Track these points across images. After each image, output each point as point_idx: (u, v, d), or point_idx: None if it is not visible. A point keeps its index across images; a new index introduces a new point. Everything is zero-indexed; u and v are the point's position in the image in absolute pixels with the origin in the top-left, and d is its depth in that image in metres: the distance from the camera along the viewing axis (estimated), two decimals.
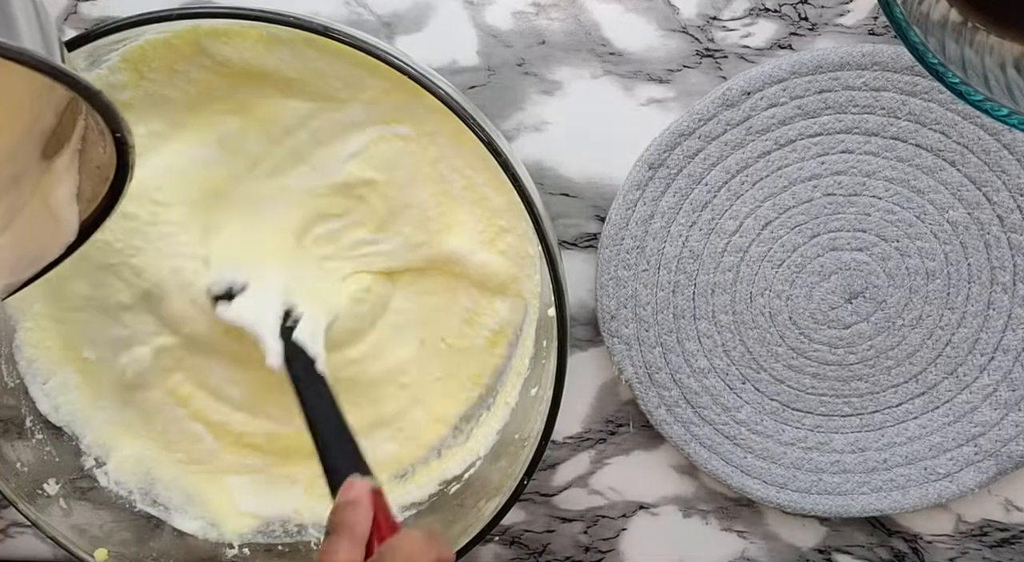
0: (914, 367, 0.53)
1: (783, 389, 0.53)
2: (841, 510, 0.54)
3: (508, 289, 0.51)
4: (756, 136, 0.50)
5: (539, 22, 0.51)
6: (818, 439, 0.54)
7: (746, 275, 0.52)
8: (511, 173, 0.44)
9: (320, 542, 0.54)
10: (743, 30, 0.50)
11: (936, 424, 0.53)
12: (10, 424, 0.52)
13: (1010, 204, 0.50)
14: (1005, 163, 0.49)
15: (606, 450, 0.56)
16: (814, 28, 0.50)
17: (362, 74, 0.48)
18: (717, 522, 0.57)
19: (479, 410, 0.54)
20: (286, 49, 0.47)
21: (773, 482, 0.54)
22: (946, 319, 0.52)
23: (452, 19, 0.51)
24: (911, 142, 0.50)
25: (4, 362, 0.52)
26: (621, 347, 0.53)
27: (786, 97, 0.49)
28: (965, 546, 0.56)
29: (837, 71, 0.49)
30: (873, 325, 0.52)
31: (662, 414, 0.54)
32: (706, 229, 0.51)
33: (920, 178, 0.50)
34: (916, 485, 0.53)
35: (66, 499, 0.52)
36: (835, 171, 0.50)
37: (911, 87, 0.49)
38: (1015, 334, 0.51)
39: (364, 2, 0.51)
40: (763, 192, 0.51)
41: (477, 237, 0.51)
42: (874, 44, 0.49)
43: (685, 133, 0.50)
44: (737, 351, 0.53)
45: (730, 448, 0.54)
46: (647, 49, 0.51)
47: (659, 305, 0.52)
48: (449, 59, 0.51)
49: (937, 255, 0.51)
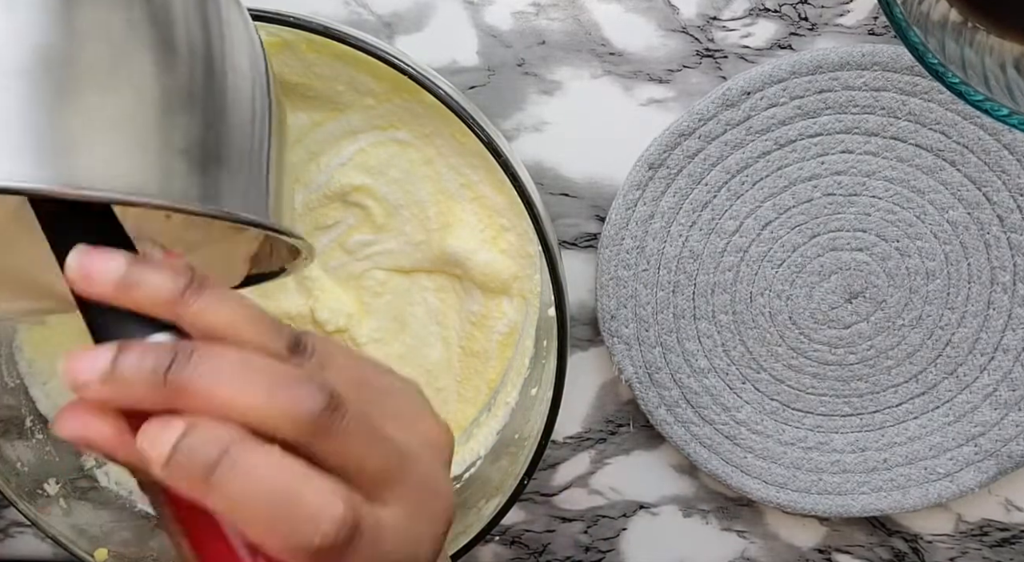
0: (914, 367, 0.53)
1: (783, 389, 0.53)
2: (841, 510, 0.54)
3: (511, 289, 0.51)
4: (756, 136, 0.50)
5: (539, 22, 0.51)
6: (818, 439, 0.54)
7: (746, 275, 0.52)
8: (511, 173, 0.44)
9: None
10: (743, 30, 0.50)
11: (936, 424, 0.53)
12: (10, 424, 0.52)
13: (1010, 204, 0.50)
14: (1005, 163, 0.49)
15: (606, 450, 0.56)
16: (814, 28, 0.50)
17: (363, 77, 0.48)
18: (717, 522, 0.57)
19: (479, 410, 0.54)
20: (288, 52, 0.47)
21: (773, 482, 0.54)
22: (946, 319, 0.52)
23: (452, 19, 0.51)
24: (911, 142, 0.50)
25: (4, 362, 0.52)
26: (621, 347, 0.53)
27: (786, 97, 0.49)
28: (965, 546, 0.56)
29: (837, 71, 0.49)
30: (873, 325, 0.52)
31: (662, 414, 0.54)
32: (706, 229, 0.51)
33: (920, 178, 0.50)
34: (916, 485, 0.54)
35: (66, 499, 0.52)
36: (835, 171, 0.50)
37: (911, 87, 0.49)
38: (1015, 334, 0.51)
39: (364, 2, 0.51)
40: (763, 192, 0.51)
41: (478, 236, 0.51)
42: (874, 44, 0.49)
43: (685, 133, 0.50)
44: (737, 351, 0.53)
45: (730, 448, 0.54)
46: (647, 49, 0.51)
47: (659, 305, 0.52)
48: (449, 59, 0.51)
49: (937, 255, 0.51)
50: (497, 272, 0.51)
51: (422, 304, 0.53)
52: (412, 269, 0.52)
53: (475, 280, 0.51)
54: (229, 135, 0.30)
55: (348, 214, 0.51)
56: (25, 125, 0.25)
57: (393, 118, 0.49)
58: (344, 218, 0.51)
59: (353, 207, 0.51)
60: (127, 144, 0.27)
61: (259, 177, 0.32)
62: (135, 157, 0.27)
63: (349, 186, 0.50)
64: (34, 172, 0.25)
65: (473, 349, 0.53)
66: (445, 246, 0.51)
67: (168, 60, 0.28)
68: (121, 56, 0.27)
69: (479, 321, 0.52)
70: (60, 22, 0.26)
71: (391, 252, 0.52)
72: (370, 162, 0.50)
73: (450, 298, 0.53)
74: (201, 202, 0.28)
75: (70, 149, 0.25)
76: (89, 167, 0.26)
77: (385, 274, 0.52)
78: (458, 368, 0.53)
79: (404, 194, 0.50)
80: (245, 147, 0.31)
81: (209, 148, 0.29)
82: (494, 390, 0.53)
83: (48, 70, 0.25)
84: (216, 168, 0.29)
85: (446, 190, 0.50)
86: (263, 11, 0.43)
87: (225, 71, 0.30)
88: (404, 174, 0.50)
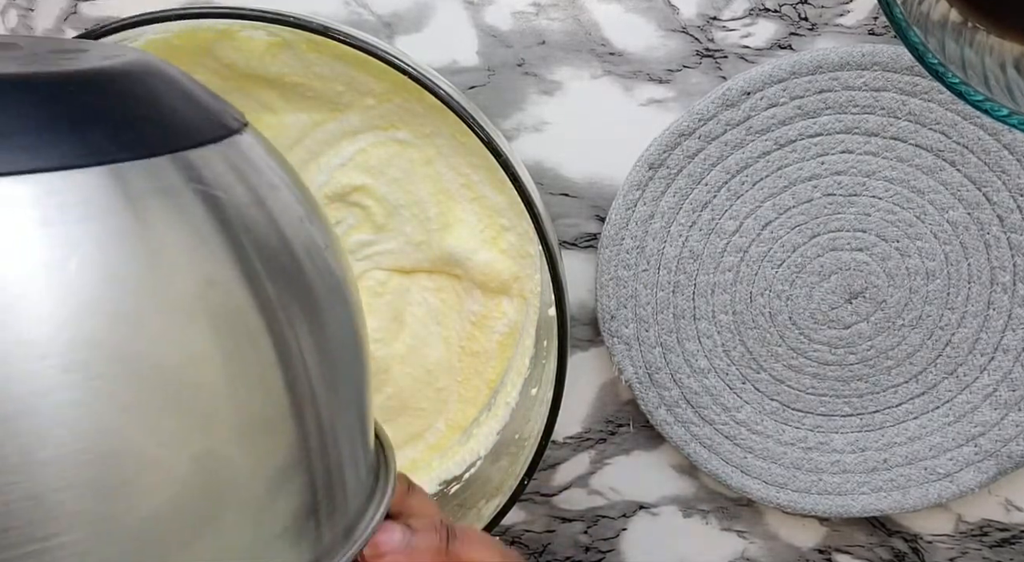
0: (914, 367, 0.53)
1: (783, 389, 0.53)
2: (841, 510, 0.54)
3: (511, 289, 0.51)
4: (756, 136, 0.50)
5: (539, 22, 0.51)
6: (818, 439, 0.54)
7: (746, 275, 0.52)
8: (511, 173, 0.44)
9: None
10: (743, 30, 0.50)
11: (936, 424, 0.53)
12: None
13: (1010, 204, 0.50)
14: (1005, 163, 0.49)
15: (606, 450, 0.56)
16: (814, 28, 0.50)
17: (363, 77, 0.48)
18: (717, 522, 0.57)
19: (480, 410, 0.54)
20: (289, 53, 0.47)
21: (773, 482, 0.54)
22: (946, 319, 0.52)
23: (452, 19, 0.51)
24: (911, 142, 0.50)
25: None
26: (621, 347, 0.53)
27: (786, 97, 0.49)
28: (965, 546, 0.56)
29: (837, 71, 0.49)
30: (873, 325, 0.52)
31: (662, 414, 0.54)
32: (706, 229, 0.51)
33: (920, 178, 0.50)
34: (916, 485, 0.53)
35: None
36: (835, 171, 0.50)
37: (911, 87, 0.49)
38: (1015, 334, 0.51)
39: (364, 2, 0.51)
40: (763, 192, 0.51)
41: (479, 236, 0.51)
42: (874, 44, 0.49)
43: (685, 133, 0.50)
44: (737, 351, 0.53)
45: (730, 448, 0.54)
46: (647, 49, 0.51)
47: (659, 305, 0.52)
48: (449, 59, 0.51)
49: (937, 255, 0.51)
50: (497, 272, 0.51)
51: (422, 304, 0.53)
52: (412, 269, 0.52)
53: (475, 280, 0.51)
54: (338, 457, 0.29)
55: (348, 214, 0.51)
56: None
57: (393, 118, 0.49)
58: (344, 218, 0.51)
59: (353, 207, 0.51)
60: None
61: (359, 446, 0.31)
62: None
63: (349, 186, 0.50)
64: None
65: (473, 349, 0.53)
66: (445, 246, 0.51)
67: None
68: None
69: (479, 321, 0.52)
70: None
71: (391, 252, 0.52)
72: (370, 162, 0.50)
73: (450, 298, 0.53)
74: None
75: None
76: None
77: (385, 274, 0.52)
78: (458, 368, 0.53)
79: (404, 194, 0.50)
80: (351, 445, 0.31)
81: (312, 499, 0.28)
82: (494, 390, 0.53)
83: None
84: (320, 513, 0.29)
85: (446, 190, 0.50)
86: (263, 11, 0.43)
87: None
88: (404, 174, 0.50)
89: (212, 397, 0.24)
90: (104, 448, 0.23)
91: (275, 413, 0.26)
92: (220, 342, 0.25)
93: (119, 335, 0.23)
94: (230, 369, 0.25)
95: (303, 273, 0.28)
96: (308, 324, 0.27)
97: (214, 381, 0.24)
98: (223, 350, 0.25)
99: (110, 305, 0.23)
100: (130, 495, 0.23)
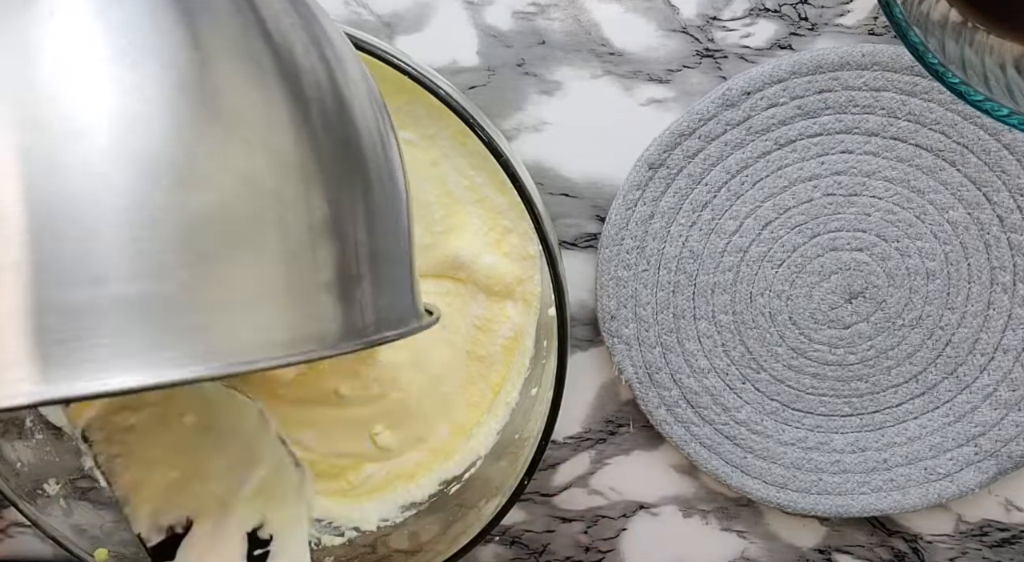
0: (914, 367, 0.53)
1: (783, 389, 0.53)
2: (841, 510, 0.54)
3: (514, 293, 0.51)
4: (756, 136, 0.50)
5: (539, 22, 0.51)
6: (818, 439, 0.54)
7: (746, 275, 0.52)
8: (511, 173, 0.44)
9: (319, 541, 0.54)
10: (743, 30, 0.50)
11: (936, 424, 0.53)
12: (10, 424, 0.52)
13: (1010, 204, 0.50)
14: (1005, 163, 0.49)
15: (606, 450, 0.56)
16: (814, 28, 0.50)
17: None
18: (717, 522, 0.57)
19: (483, 414, 0.54)
20: None
21: (773, 482, 0.54)
22: (946, 319, 0.52)
23: (452, 19, 0.51)
24: (911, 142, 0.50)
25: None
26: (621, 347, 0.53)
27: (786, 97, 0.49)
28: (965, 546, 0.56)
29: (837, 71, 0.49)
30: (873, 325, 0.52)
31: (662, 414, 0.54)
32: (706, 229, 0.51)
33: (920, 178, 0.50)
34: (916, 485, 0.54)
35: (66, 499, 0.52)
36: (835, 171, 0.50)
37: (911, 87, 0.49)
38: (1015, 334, 0.52)
39: (364, 2, 0.51)
40: (763, 192, 0.51)
41: (482, 239, 0.50)
42: (874, 44, 0.49)
43: (685, 133, 0.50)
44: (737, 351, 0.53)
45: (730, 448, 0.54)
46: (647, 49, 0.51)
47: (659, 305, 0.52)
48: (449, 59, 0.51)
49: (937, 255, 0.51)
50: (500, 275, 0.51)
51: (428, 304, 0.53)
52: (418, 273, 0.52)
53: (479, 284, 0.51)
54: (375, 245, 0.31)
55: None
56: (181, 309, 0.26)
57: (396, 119, 0.49)
58: None
59: None
60: (274, 305, 0.28)
61: (404, 272, 0.33)
62: (286, 314, 0.28)
63: None
64: (199, 359, 0.26)
65: (478, 354, 0.53)
66: (450, 249, 0.50)
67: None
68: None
69: (484, 325, 0.52)
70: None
71: None
72: None
73: (455, 302, 0.52)
74: (347, 338, 0.29)
75: (228, 328, 0.27)
76: (245, 339, 0.27)
77: None
78: (463, 373, 0.53)
79: (415, 195, 0.50)
80: (392, 248, 0.32)
81: (352, 270, 0.30)
82: (497, 393, 0.53)
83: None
84: (362, 287, 0.30)
85: (451, 192, 0.50)
86: None
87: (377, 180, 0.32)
88: (411, 175, 0.50)
89: (257, 129, 0.27)
90: (164, 156, 0.26)
91: (312, 173, 0.29)
92: (272, 86, 0.28)
93: (183, 59, 0.26)
94: (273, 111, 0.28)
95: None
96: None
97: (260, 116, 0.28)
98: (280, 96, 0.28)
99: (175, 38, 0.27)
100: (183, 190, 0.26)
